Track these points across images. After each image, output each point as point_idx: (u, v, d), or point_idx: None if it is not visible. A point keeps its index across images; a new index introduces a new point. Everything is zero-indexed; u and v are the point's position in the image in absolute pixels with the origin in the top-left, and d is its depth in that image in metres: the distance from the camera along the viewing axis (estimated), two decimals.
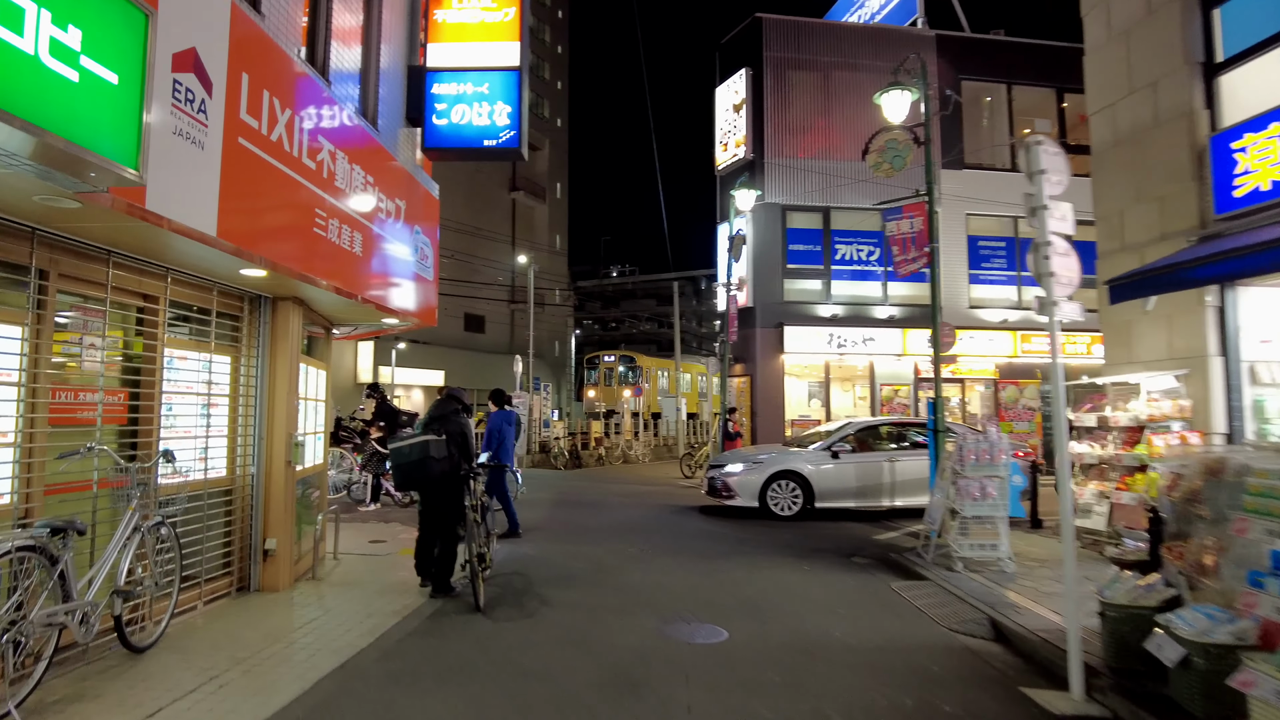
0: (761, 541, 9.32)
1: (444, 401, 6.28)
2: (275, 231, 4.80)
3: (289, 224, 4.96)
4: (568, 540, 9.09)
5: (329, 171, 5.44)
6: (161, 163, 3.60)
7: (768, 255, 17.59)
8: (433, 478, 5.83)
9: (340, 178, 5.64)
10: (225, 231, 4.15)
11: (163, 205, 3.61)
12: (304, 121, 5.07)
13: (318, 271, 5.36)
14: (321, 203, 5.32)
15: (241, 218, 4.34)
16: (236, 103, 4.25)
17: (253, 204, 4.48)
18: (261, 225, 4.61)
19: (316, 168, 5.25)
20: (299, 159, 4.98)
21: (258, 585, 6.02)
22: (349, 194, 5.77)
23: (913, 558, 8.13)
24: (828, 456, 11.47)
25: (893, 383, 18.29)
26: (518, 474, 10.94)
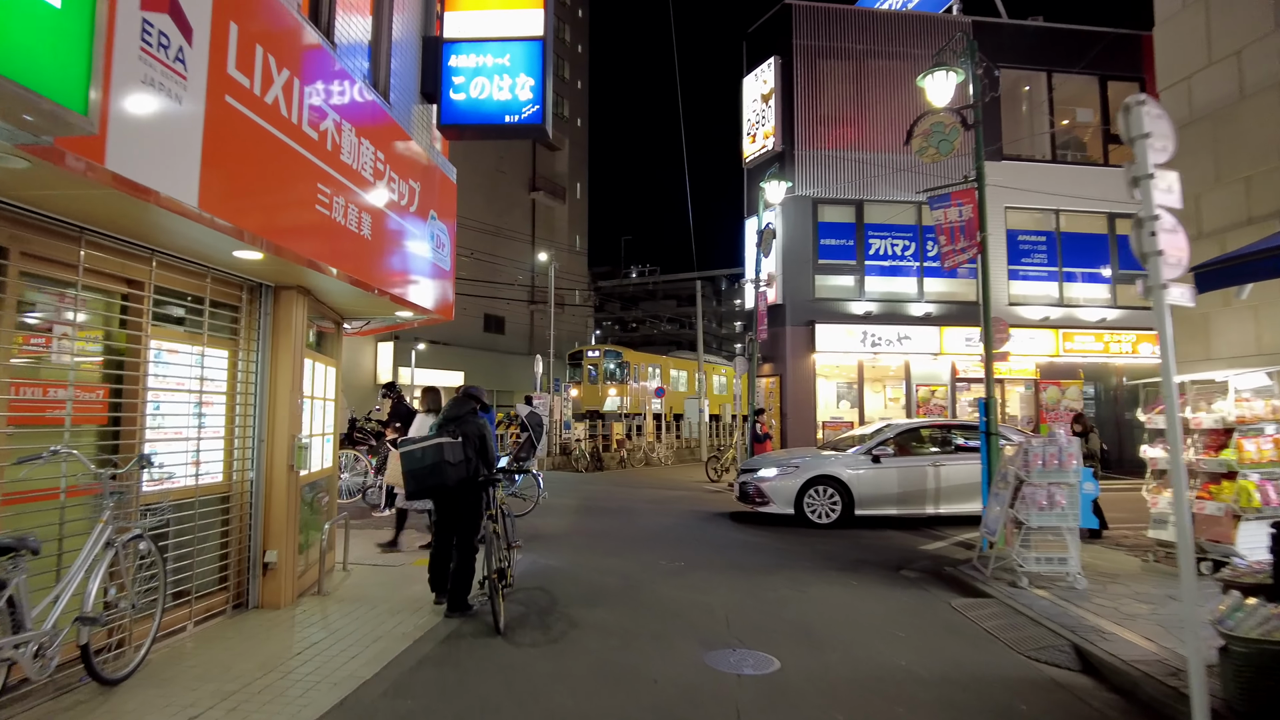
0: (802, 553, 8.67)
1: (461, 400, 5.71)
2: (270, 207, 4.24)
3: (287, 200, 4.40)
4: (594, 551, 8.49)
5: (334, 144, 4.89)
6: (127, 115, 3.05)
7: (798, 250, 16.91)
8: (448, 484, 5.26)
9: (347, 152, 5.09)
10: (209, 203, 3.59)
11: (128, 166, 3.06)
12: (305, 86, 4.51)
13: (322, 255, 4.81)
14: (326, 178, 4.76)
15: (229, 189, 3.79)
16: (223, 55, 3.70)
17: (242, 173, 3.93)
18: (253, 199, 4.05)
19: (319, 139, 4.69)
20: (298, 127, 4.43)
21: (257, 602, 5.48)
22: (357, 171, 5.22)
23: (969, 571, 7.45)
24: (868, 460, 10.79)
25: (929, 383, 17.53)
26: (539, 478, 10.38)
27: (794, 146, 16.97)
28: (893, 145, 17.13)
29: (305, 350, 6.06)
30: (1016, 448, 7.41)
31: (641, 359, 32.65)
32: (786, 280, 16.81)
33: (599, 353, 32.12)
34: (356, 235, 5.24)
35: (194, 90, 3.49)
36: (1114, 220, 18.25)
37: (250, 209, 4.02)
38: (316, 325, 7.33)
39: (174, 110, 3.35)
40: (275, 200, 4.29)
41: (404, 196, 6.06)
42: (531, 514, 10.36)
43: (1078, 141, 19.00)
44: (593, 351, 32.45)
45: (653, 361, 33.96)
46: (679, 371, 35.56)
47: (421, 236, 6.50)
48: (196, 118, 3.52)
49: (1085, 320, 17.96)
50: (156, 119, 3.24)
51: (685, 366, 35.48)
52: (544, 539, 9.08)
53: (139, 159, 3.13)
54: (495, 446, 5.68)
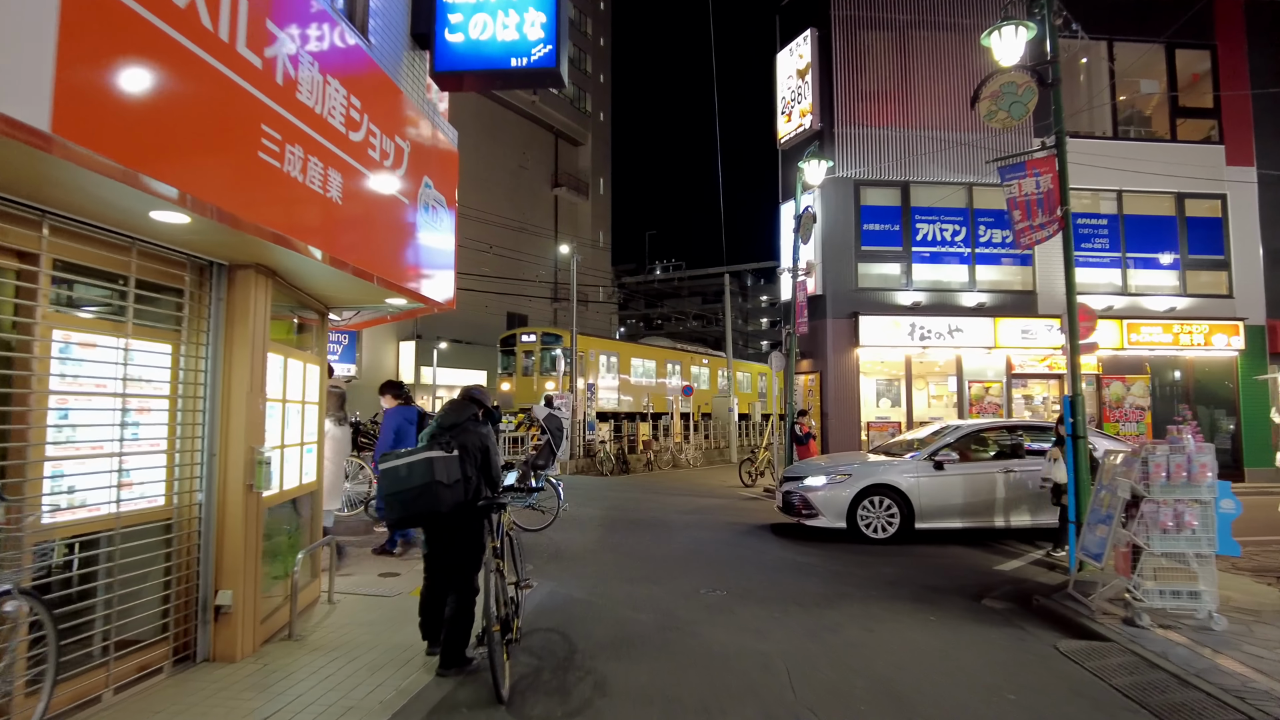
0: (862, 577, 7.48)
1: (459, 405, 4.61)
2: (186, 148, 3.18)
3: (213, 141, 3.34)
4: (622, 575, 7.37)
5: (287, 77, 3.82)
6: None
7: (839, 236, 15.64)
8: (441, 510, 4.17)
9: (307, 91, 4.01)
10: (73, 126, 2.53)
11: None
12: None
13: (273, 220, 3.75)
14: (274, 119, 3.69)
15: (111, 112, 2.72)
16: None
17: (133, 92, 2.85)
18: (156, 132, 2.98)
19: (265, 67, 3.62)
20: (230, 45, 3.36)
21: (207, 653, 4.43)
22: (321, 117, 4.15)
23: (1068, 603, 6.22)
24: (929, 467, 9.56)
25: (982, 379, 16.17)
26: (559, 485, 9.28)
27: (833, 124, 15.69)
28: (941, 122, 15.80)
29: (272, 344, 5.02)
30: (1130, 455, 6.16)
31: (594, 345, 26.86)
32: (827, 269, 15.55)
33: (534, 337, 26.62)
34: (321, 197, 4.16)
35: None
36: (1183, 201, 16.75)
37: (151, 146, 2.95)
38: (297, 316, 6.35)
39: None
40: (194, 139, 3.22)
41: (388, 156, 4.99)
42: (551, 528, 9.28)
43: (1141, 116, 17.50)
44: (527, 335, 26.96)
45: (609, 349, 28.40)
46: (673, 364, 31.34)
47: (412, 206, 5.42)
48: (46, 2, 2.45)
49: (1152, 310, 16.48)
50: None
51: (680, 358, 31.74)
52: (565, 559, 7.99)
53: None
54: (499, 462, 4.59)
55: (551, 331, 27.00)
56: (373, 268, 4.93)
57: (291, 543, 5.83)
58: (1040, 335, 15.90)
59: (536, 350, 26.07)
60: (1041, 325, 15.93)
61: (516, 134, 45.78)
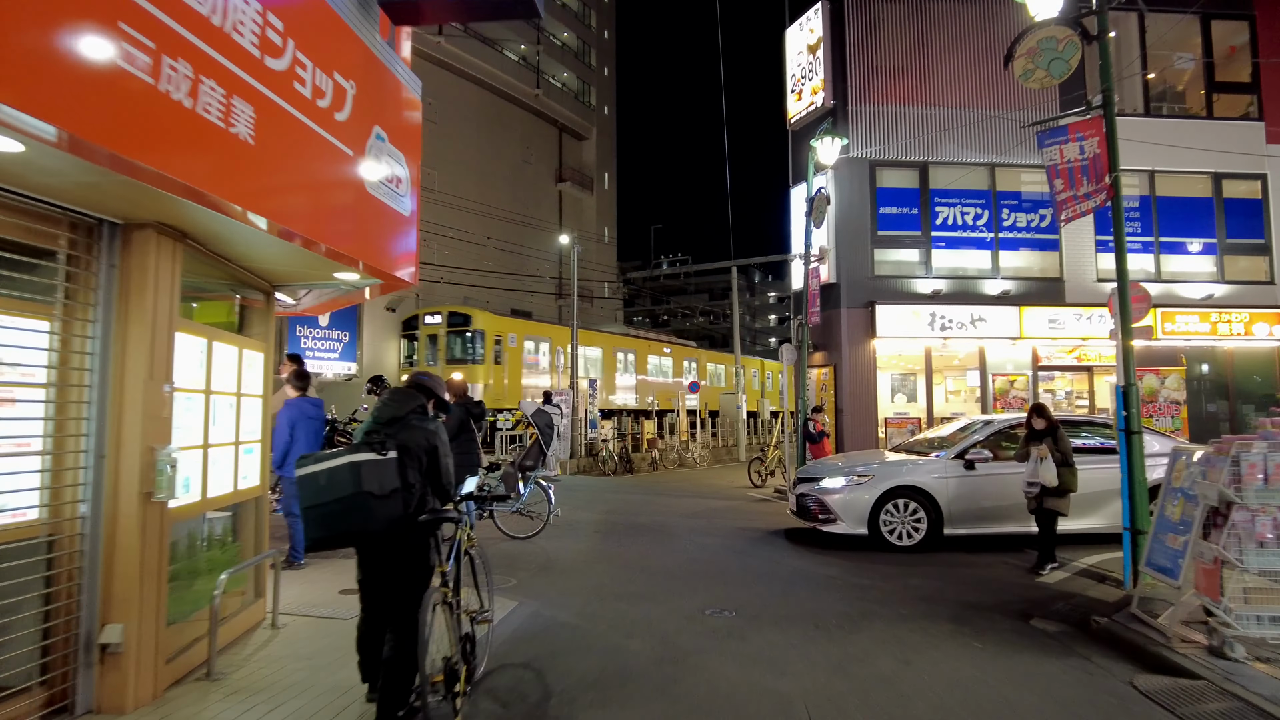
0: (889, 592, 6.58)
1: (401, 395, 3.72)
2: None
3: (41, 39, 2.47)
4: (616, 592, 6.49)
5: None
6: None
7: (854, 220, 14.71)
8: (372, 530, 3.30)
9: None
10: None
11: None
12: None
13: (141, 151, 2.88)
14: (138, 16, 2.82)
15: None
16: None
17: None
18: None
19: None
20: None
21: (90, 704, 3.58)
22: (219, 29, 3.28)
23: (1135, 627, 5.32)
24: (958, 466, 8.65)
25: (1006, 372, 15.22)
26: (549, 490, 8.41)
27: (846, 102, 14.76)
28: (961, 98, 14.85)
29: (188, 323, 4.18)
30: (1213, 454, 5.24)
31: (514, 328, 22.58)
32: (841, 255, 14.61)
33: (440, 318, 22.33)
34: (223, 132, 3.30)
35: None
36: (1219, 181, 15.74)
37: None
38: (243, 299, 5.52)
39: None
40: (11, 32, 2.36)
41: (323, 95, 4.12)
42: (541, 535, 8.41)
43: (1174, 92, 16.49)
44: (431, 316, 22.67)
45: (536, 332, 24.22)
46: (625, 353, 28.04)
47: (359, 158, 4.55)
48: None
49: (1188, 297, 15.49)
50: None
51: (632, 345, 28.93)
52: (553, 572, 7.12)
53: None
54: (451, 465, 3.70)
55: (460, 311, 22.77)
56: (307, 229, 4.07)
57: (228, 560, 4.99)
58: (1068, 325, 14.94)
59: (442, 333, 21.67)
60: (1069, 314, 14.98)
61: (519, 128, 44.97)
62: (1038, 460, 7.35)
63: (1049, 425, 7.58)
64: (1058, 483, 7.28)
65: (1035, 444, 7.46)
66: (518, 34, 43.86)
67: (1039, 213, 15.31)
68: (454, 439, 7.80)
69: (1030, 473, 7.43)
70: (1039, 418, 7.67)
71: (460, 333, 21.92)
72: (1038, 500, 7.45)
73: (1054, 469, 7.26)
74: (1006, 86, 14.99)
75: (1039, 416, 7.68)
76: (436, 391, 3.86)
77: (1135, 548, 6.61)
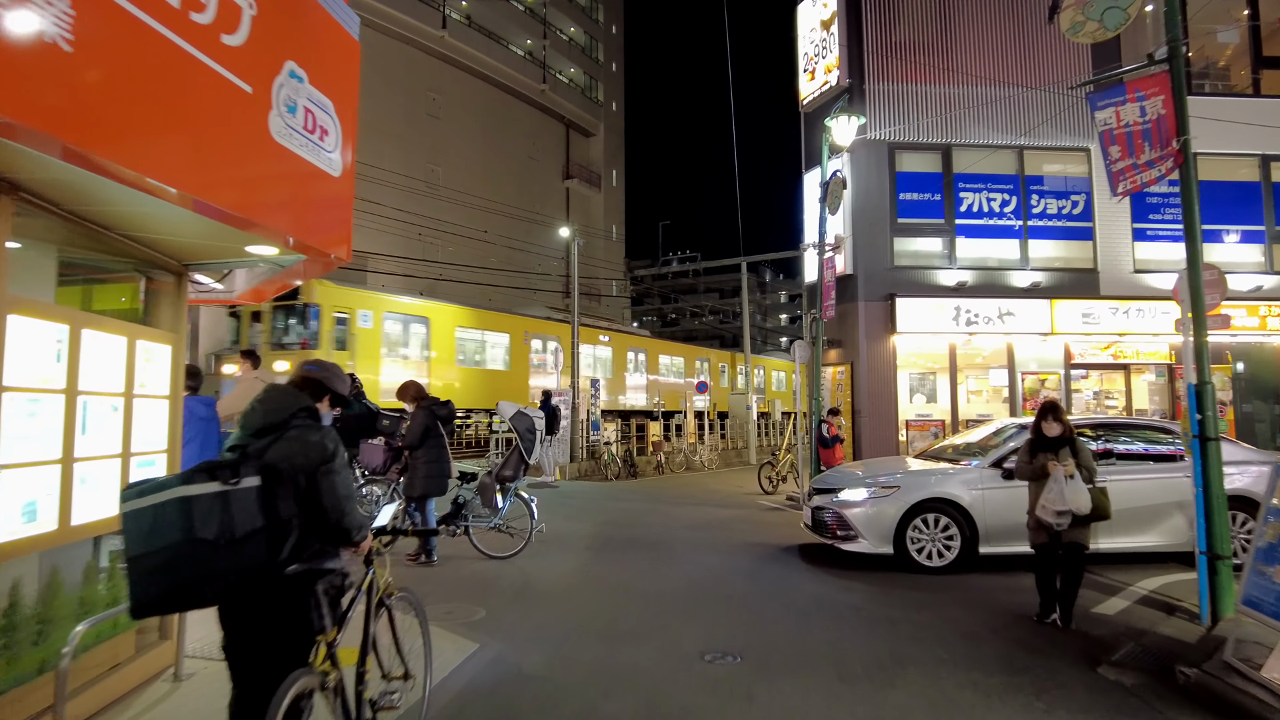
0: (924, 626, 5.58)
1: (276, 396, 2.74)
2: None
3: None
4: (603, 628, 5.52)
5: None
6: None
7: (872, 207, 13.67)
8: (209, 593, 2.34)
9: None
10: None
11: None
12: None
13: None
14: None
15: None
16: None
17: None
18: None
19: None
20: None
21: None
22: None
23: (1236, 683, 4.30)
24: (995, 476, 7.64)
25: (1036, 369, 14.14)
26: (532, 504, 7.46)
27: (863, 80, 13.73)
28: (986, 75, 13.77)
29: (17, 300, 3.25)
30: None
31: (372, 304, 17.65)
32: (858, 244, 13.58)
33: None
34: (33, 40, 2.35)
35: None
36: (1268, 164, 14.60)
37: None
38: (150, 280, 4.60)
39: None
40: None
41: (202, 9, 3.17)
42: (523, 554, 7.45)
43: (1217, 68, 15.37)
44: None
45: (404, 310, 18.66)
46: (589, 348, 23.95)
47: (263, 97, 3.60)
48: None
49: (1234, 289, 14.32)
50: None
51: (620, 341, 26.36)
52: (529, 600, 6.16)
53: None
54: (351, 490, 2.73)
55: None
56: (182, 179, 3.13)
57: (113, 598, 4.06)
58: (1104, 319, 13.85)
59: (267, 309, 16.57)
60: (1104, 308, 13.89)
61: (526, 124, 44.20)
62: (1063, 479, 5.46)
63: (1066, 432, 5.72)
64: (1092, 507, 5.47)
65: (1049, 456, 5.61)
66: (524, 28, 43.05)
67: (1071, 198, 14.23)
68: (419, 446, 6.87)
69: (1055, 497, 5.46)
70: (1053, 421, 5.77)
71: (287, 308, 16.27)
72: (1063, 530, 5.55)
73: (1085, 490, 5.46)
74: (1035, 62, 13.94)
75: (1053, 420, 5.78)
76: (331, 386, 2.89)
77: (1214, 576, 5.60)
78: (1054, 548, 5.67)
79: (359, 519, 2.68)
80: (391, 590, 3.23)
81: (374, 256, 26.91)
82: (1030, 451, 5.84)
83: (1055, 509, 5.45)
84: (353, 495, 2.69)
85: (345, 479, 2.64)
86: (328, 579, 2.61)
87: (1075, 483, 5.44)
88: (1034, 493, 5.70)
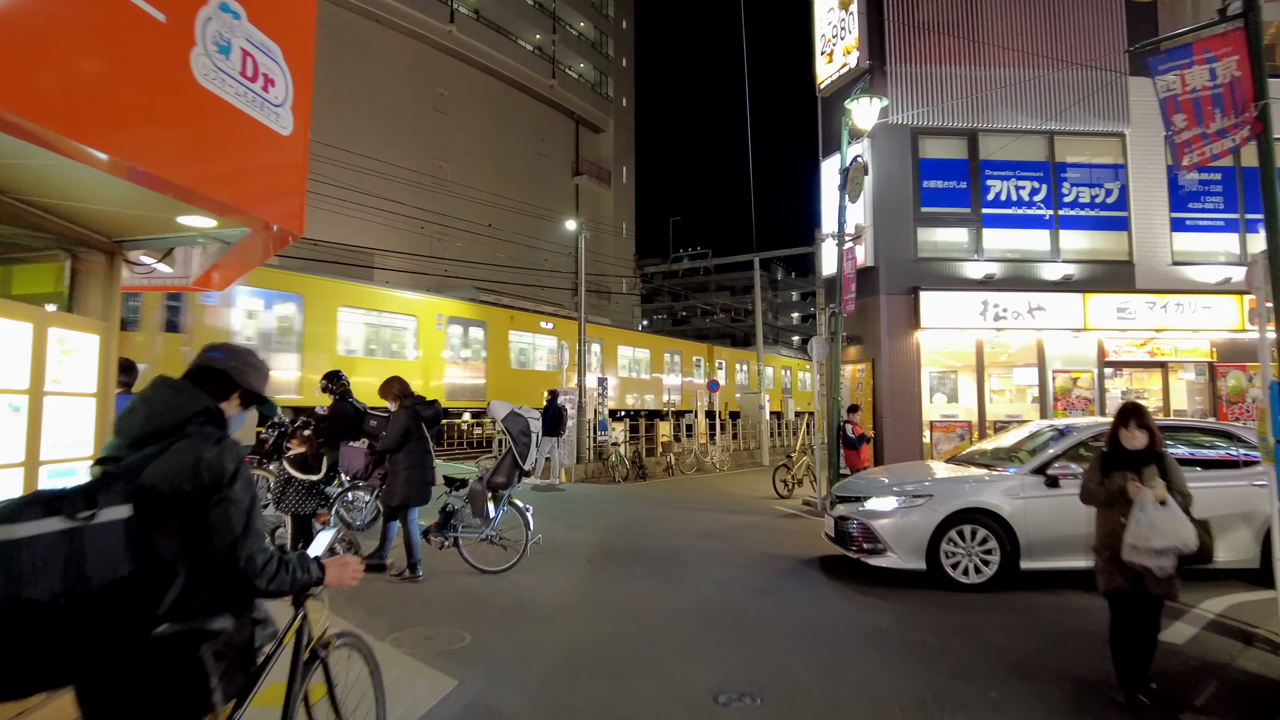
0: (968, 656, 4.88)
1: (162, 394, 2.06)
2: None
3: None
4: (598, 660, 4.86)
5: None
6: None
7: (894, 196, 12.92)
8: (67, 670, 1.71)
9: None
10: None
11: None
12: None
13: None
14: None
15: None
16: None
17: None
18: None
19: None
20: None
21: None
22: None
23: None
24: (1038, 483, 6.93)
25: (1069, 368, 13.35)
26: (528, 513, 6.79)
27: (884, 62, 12.98)
28: (1015, 57, 13.00)
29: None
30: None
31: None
32: (880, 235, 12.84)
33: None
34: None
35: None
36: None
37: None
38: (76, 260, 3.99)
39: None
40: None
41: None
42: (518, 568, 6.79)
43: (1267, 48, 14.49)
44: None
45: (264, 285, 14.96)
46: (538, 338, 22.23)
47: (182, 31, 2.96)
48: None
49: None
50: None
51: (603, 333, 24.45)
52: (520, 622, 5.49)
53: None
54: (259, 520, 2.07)
55: None
56: (70, 127, 2.48)
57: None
58: (1140, 314, 13.05)
59: None
60: (1141, 302, 13.09)
61: (534, 120, 43.65)
62: (1152, 507, 3.95)
63: (1153, 444, 4.19)
64: (1197, 544, 4.00)
65: (1129, 475, 4.11)
66: (533, 23, 42.46)
67: (1105, 186, 13.44)
68: (398, 450, 6.23)
69: (1146, 531, 3.92)
70: (1136, 429, 4.18)
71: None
72: (1134, 576, 4.05)
73: (1186, 521, 3.98)
74: (1067, 41, 13.15)
75: (1136, 427, 4.18)
76: (242, 380, 2.23)
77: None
78: (1135, 597, 4.12)
79: (265, 565, 2.02)
80: (328, 640, 2.57)
81: (380, 253, 26.42)
82: (1102, 468, 4.30)
83: (1151, 545, 3.90)
84: (258, 532, 2.03)
85: (242, 510, 1.98)
86: (219, 640, 1.95)
87: (1170, 511, 3.96)
88: (1104, 522, 4.25)
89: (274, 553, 2.07)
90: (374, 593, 6.06)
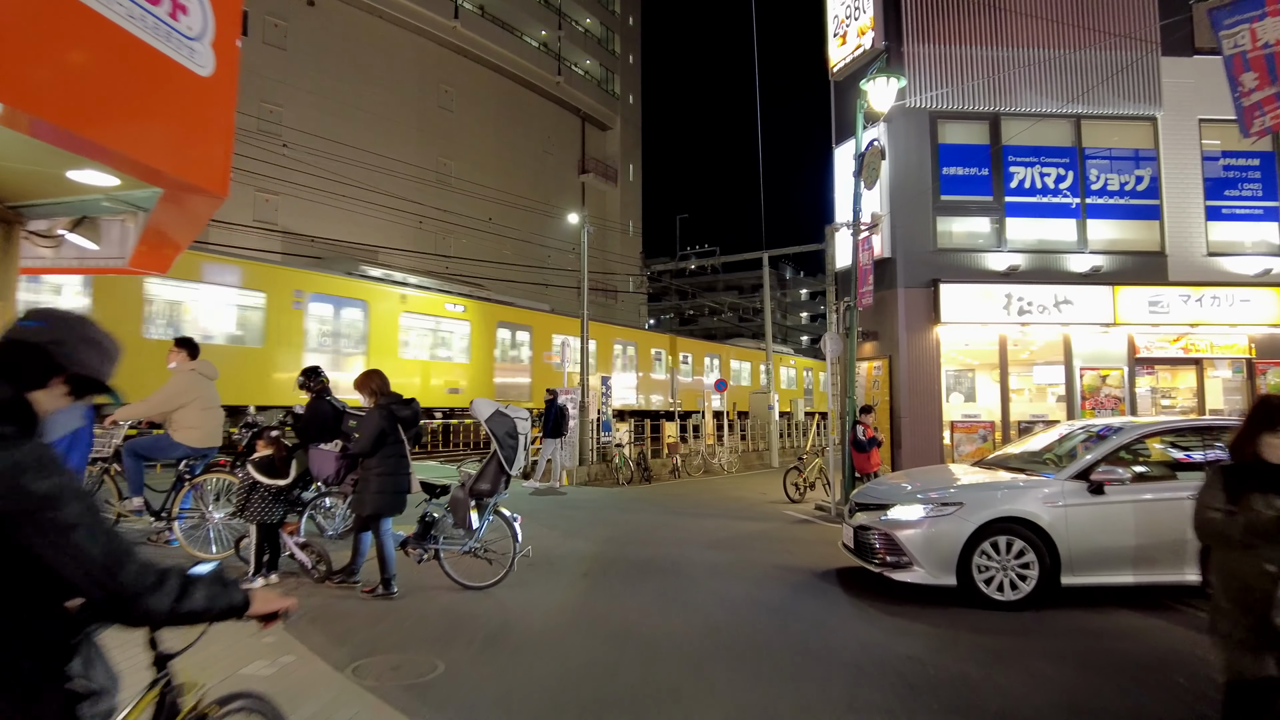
0: (1014, 696, 4.22)
1: None
2: None
3: None
4: (589, 699, 4.20)
5: None
6: None
7: (912, 184, 12.26)
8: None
9: None
10: None
11: None
12: None
13: None
14: None
15: None
16: None
17: None
18: None
19: None
20: None
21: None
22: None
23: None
24: (1080, 490, 6.26)
25: (1097, 365, 12.64)
26: (515, 521, 6.15)
27: (901, 42, 12.32)
28: (1039, 36, 12.32)
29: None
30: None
31: None
32: (897, 225, 12.17)
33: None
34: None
35: None
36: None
37: None
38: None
39: None
40: None
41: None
42: (503, 584, 6.14)
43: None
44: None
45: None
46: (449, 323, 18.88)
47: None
48: None
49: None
50: None
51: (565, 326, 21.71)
52: (503, 650, 4.85)
53: None
54: (110, 544, 1.46)
55: None
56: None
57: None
58: (1174, 308, 12.34)
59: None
60: (1174, 295, 12.38)
61: (540, 117, 43.07)
62: (1224, 512, 2.76)
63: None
64: None
65: (1273, 497, 2.65)
66: (538, 19, 41.89)
67: (1134, 173, 12.73)
68: (372, 454, 5.61)
69: None
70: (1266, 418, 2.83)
71: None
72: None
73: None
74: (1094, 19, 12.44)
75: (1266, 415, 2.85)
76: (65, 359, 1.60)
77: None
78: None
79: (160, 579, 1.46)
80: (206, 710, 1.93)
81: (384, 250, 25.89)
82: (1227, 488, 2.78)
83: None
84: (126, 547, 1.44)
85: (87, 530, 1.38)
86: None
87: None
88: (1237, 570, 2.73)
89: (167, 566, 1.51)
90: (343, 612, 5.44)
